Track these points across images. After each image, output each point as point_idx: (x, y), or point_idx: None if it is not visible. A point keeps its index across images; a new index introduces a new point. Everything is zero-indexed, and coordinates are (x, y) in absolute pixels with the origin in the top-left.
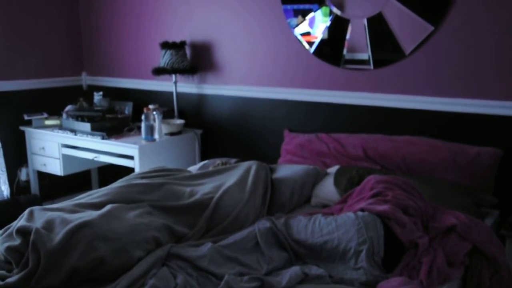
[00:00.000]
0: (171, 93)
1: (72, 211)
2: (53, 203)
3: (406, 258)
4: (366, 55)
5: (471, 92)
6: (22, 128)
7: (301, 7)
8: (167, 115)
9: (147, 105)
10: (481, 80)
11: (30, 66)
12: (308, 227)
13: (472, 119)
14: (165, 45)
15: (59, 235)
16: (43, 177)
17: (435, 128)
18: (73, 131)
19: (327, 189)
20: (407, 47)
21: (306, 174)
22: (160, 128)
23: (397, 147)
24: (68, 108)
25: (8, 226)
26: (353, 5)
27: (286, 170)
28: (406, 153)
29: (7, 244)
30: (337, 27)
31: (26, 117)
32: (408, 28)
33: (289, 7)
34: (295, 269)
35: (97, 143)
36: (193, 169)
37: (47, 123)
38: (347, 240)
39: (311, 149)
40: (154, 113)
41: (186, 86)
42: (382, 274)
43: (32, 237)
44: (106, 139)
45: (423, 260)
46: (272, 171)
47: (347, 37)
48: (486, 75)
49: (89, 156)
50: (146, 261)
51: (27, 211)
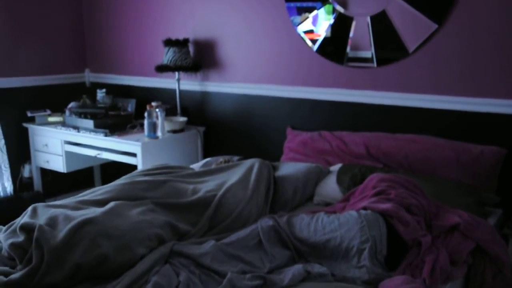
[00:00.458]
0: (174, 91)
1: (75, 208)
2: (56, 200)
3: (409, 256)
4: (369, 53)
5: (474, 90)
6: (25, 125)
7: (305, 4)
8: (170, 112)
9: (150, 103)
10: (485, 78)
11: (33, 63)
12: (310, 225)
13: (475, 118)
14: (168, 43)
15: (63, 232)
16: (46, 173)
17: (438, 126)
18: (76, 128)
19: (330, 187)
20: (411, 45)
21: (308, 172)
22: (163, 125)
23: (400, 145)
24: (71, 105)
25: (11, 222)
26: (356, 2)
27: (288, 168)
28: (409, 151)
29: (10, 240)
30: (341, 25)
31: (29, 114)
32: (411, 26)
33: (292, 4)
34: (298, 267)
35: (100, 140)
36: (196, 166)
37: (50, 120)
38: (350, 238)
39: (314, 147)
40: (157, 110)
41: (189, 83)
42: (384, 272)
43: (35, 233)
44: (109, 136)
45: (426, 258)
46: (274, 169)
47: (351, 35)
48: (489, 73)
49: (92, 153)
50: (149, 258)
51: (30, 208)
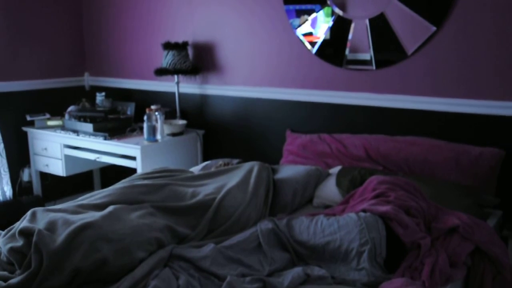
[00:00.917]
0: (173, 94)
1: (74, 212)
2: (55, 204)
3: (408, 259)
4: (368, 56)
5: (473, 92)
6: (24, 128)
7: (303, 7)
8: (169, 115)
9: (149, 106)
10: (483, 80)
11: (32, 67)
12: (310, 228)
13: (474, 120)
14: (167, 46)
15: (62, 236)
16: (46, 177)
17: (437, 128)
18: (76, 132)
19: (329, 189)
20: (409, 48)
21: (308, 174)
22: (162, 128)
23: (399, 147)
24: (70, 108)
25: (11, 227)
26: (355, 5)
27: (288, 170)
28: (408, 153)
29: (10, 245)
30: (339, 28)
31: (28, 118)
32: (410, 28)
33: (291, 7)
34: (297, 270)
35: (99, 143)
36: (195, 169)
37: (50, 123)
38: (349, 241)
39: (313, 149)
40: (156, 113)
41: (188, 86)
42: (384, 275)
43: (34, 238)
44: (108, 139)
45: (426, 261)
46: (274, 171)
47: (349, 37)
48: (488, 75)
49: (91, 156)
50: (148, 262)
51: (29, 212)
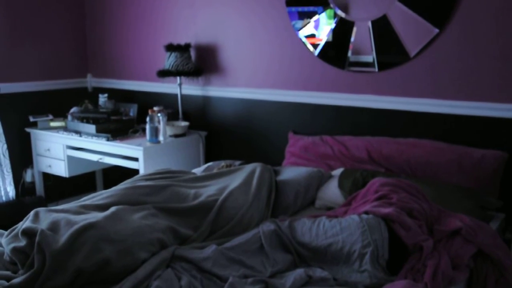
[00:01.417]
0: (175, 95)
1: (77, 212)
2: (57, 205)
3: (410, 261)
4: (370, 58)
5: (476, 95)
6: (27, 129)
7: (306, 9)
8: (172, 117)
9: (151, 107)
10: (486, 83)
11: (35, 68)
12: (312, 230)
13: (477, 122)
14: (170, 48)
15: (64, 236)
16: (48, 178)
17: (439, 130)
18: (78, 133)
19: (332, 191)
20: (412, 50)
21: (310, 176)
22: (164, 130)
23: (401, 149)
24: (73, 110)
25: (13, 227)
26: (357, 7)
27: (290, 172)
28: (410, 155)
29: (12, 245)
30: (342, 30)
31: (31, 119)
32: (413, 30)
33: (293, 9)
34: (300, 272)
35: (102, 144)
36: (198, 171)
37: (53, 124)
38: (352, 242)
39: (316, 151)
40: (158, 115)
41: (190, 88)
42: (386, 277)
43: (37, 238)
44: (111, 140)
45: (428, 263)
46: (276, 173)
47: (352, 39)
48: (490, 78)
49: (94, 157)
50: (150, 262)
51: (32, 212)
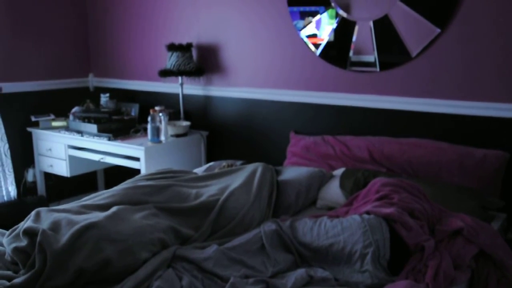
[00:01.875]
0: (177, 95)
1: (78, 212)
2: (59, 204)
3: (412, 261)
4: (372, 57)
5: (477, 95)
6: (29, 129)
7: (308, 9)
8: (173, 116)
9: (153, 107)
10: (487, 82)
11: (37, 67)
12: (313, 230)
13: (478, 122)
14: (172, 47)
15: (66, 236)
16: (50, 178)
17: (441, 130)
18: (80, 133)
19: (333, 191)
20: (413, 50)
21: (311, 176)
22: (166, 129)
23: (403, 149)
24: (74, 109)
25: (15, 227)
26: (359, 7)
27: (292, 172)
28: (412, 155)
29: (14, 245)
30: (344, 29)
31: (33, 119)
32: (414, 30)
33: (295, 9)
34: (301, 272)
35: (104, 144)
36: (199, 171)
37: (54, 124)
38: (353, 243)
39: (317, 151)
40: (160, 114)
41: (192, 88)
42: (387, 277)
43: (38, 238)
44: (112, 140)
45: (429, 263)
46: (278, 173)
47: (354, 39)
48: (492, 77)
49: (96, 157)
50: (151, 262)
51: (34, 212)
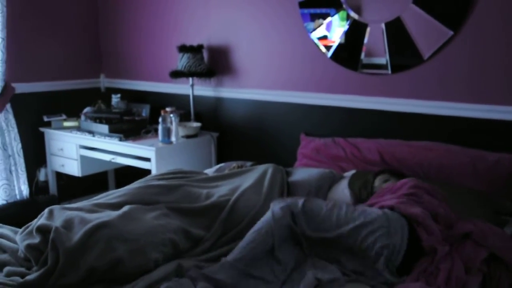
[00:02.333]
0: (188, 96)
1: (90, 210)
2: (70, 204)
3: (423, 262)
4: (384, 60)
5: (489, 97)
6: (41, 129)
7: (318, 11)
8: (184, 118)
9: (164, 108)
10: (501, 86)
11: (49, 68)
12: (332, 217)
13: (491, 126)
14: (183, 49)
15: (78, 234)
16: (61, 177)
17: (453, 134)
18: (91, 133)
19: (341, 191)
20: (426, 52)
21: (321, 177)
22: (177, 130)
23: (414, 152)
24: (86, 110)
25: (28, 224)
26: (371, 9)
27: (302, 173)
28: (423, 158)
29: (27, 242)
30: (355, 32)
31: (45, 119)
32: (426, 33)
33: (306, 11)
34: (308, 277)
35: (115, 144)
36: (209, 171)
37: (66, 124)
38: (372, 240)
39: (328, 153)
40: (171, 115)
41: (203, 89)
42: (392, 278)
43: (51, 235)
44: (123, 141)
45: (441, 266)
46: (288, 174)
47: (365, 41)
48: (505, 80)
49: (107, 157)
50: (166, 267)
51: (47, 210)
